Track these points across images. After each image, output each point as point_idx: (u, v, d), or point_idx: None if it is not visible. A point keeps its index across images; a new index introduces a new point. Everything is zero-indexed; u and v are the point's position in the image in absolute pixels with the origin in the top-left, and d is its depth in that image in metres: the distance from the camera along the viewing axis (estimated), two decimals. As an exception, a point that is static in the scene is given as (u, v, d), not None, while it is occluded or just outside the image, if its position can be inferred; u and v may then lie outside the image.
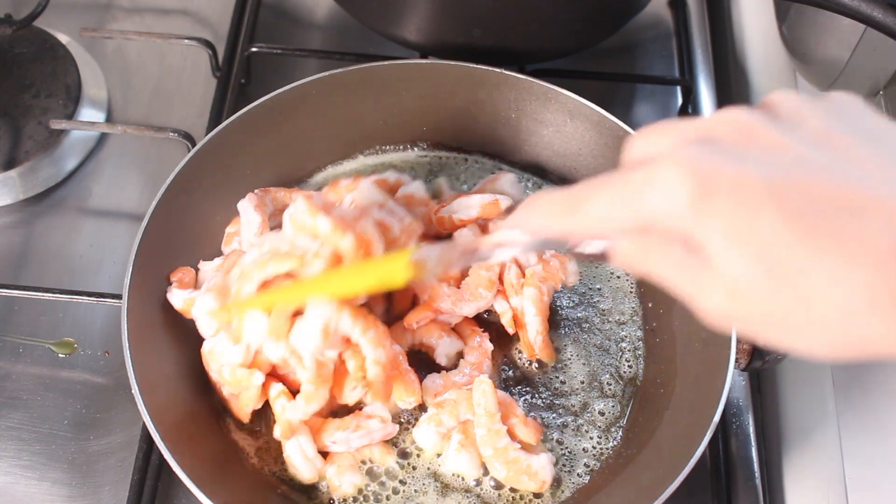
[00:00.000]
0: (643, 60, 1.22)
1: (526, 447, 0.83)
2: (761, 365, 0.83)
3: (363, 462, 0.84)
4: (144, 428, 0.88)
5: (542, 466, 0.82)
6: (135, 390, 0.78)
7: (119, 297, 0.86)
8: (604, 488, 0.83)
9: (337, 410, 0.86)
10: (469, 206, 0.91)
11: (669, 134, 0.49)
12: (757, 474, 0.91)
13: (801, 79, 1.16)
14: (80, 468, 0.89)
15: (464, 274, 0.91)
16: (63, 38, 1.15)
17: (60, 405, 0.92)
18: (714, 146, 0.46)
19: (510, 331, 0.90)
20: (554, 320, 0.93)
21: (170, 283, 0.89)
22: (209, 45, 1.13)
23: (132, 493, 0.85)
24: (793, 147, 0.46)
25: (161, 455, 0.86)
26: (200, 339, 0.86)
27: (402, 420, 0.87)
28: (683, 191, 0.45)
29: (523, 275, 0.91)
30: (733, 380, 0.94)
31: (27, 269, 1.00)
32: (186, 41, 1.13)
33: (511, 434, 0.83)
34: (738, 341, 0.81)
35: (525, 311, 0.89)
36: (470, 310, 0.88)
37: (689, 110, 1.14)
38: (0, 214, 1.04)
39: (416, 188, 0.94)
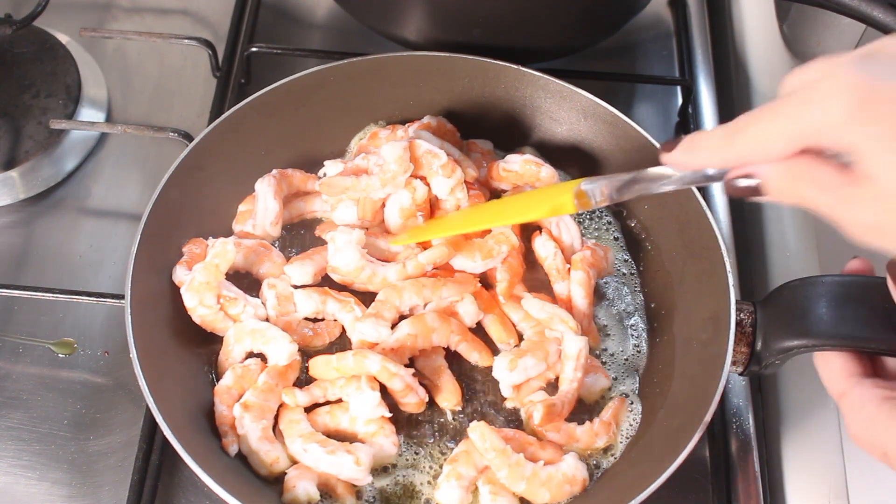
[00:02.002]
0: (643, 60, 1.22)
1: (550, 461, 0.82)
2: (759, 370, 0.82)
3: (324, 493, 0.81)
4: (144, 428, 0.88)
5: (574, 467, 0.81)
6: (142, 383, 0.78)
7: (119, 296, 0.86)
8: (594, 481, 0.83)
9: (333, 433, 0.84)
10: (514, 161, 0.98)
11: (827, 61, 0.51)
12: (757, 474, 0.90)
13: (802, 78, 1.16)
14: (80, 468, 0.89)
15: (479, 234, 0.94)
16: (63, 38, 1.15)
17: (60, 405, 0.92)
18: (873, 62, 0.50)
19: (503, 300, 0.92)
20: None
21: (182, 255, 0.90)
22: (209, 45, 1.13)
23: (132, 493, 0.85)
24: None
25: (161, 455, 0.87)
26: (204, 334, 0.87)
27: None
28: (843, 101, 0.48)
29: (568, 261, 0.92)
30: (734, 380, 0.95)
31: (27, 269, 1.00)
32: (186, 41, 1.13)
33: (533, 458, 0.81)
34: (736, 344, 0.81)
35: (573, 294, 0.91)
36: (479, 268, 0.93)
37: (690, 110, 1.14)
38: (0, 214, 1.04)
39: (482, 142, 1.04)
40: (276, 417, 0.85)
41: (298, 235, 0.98)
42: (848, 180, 0.50)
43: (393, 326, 0.87)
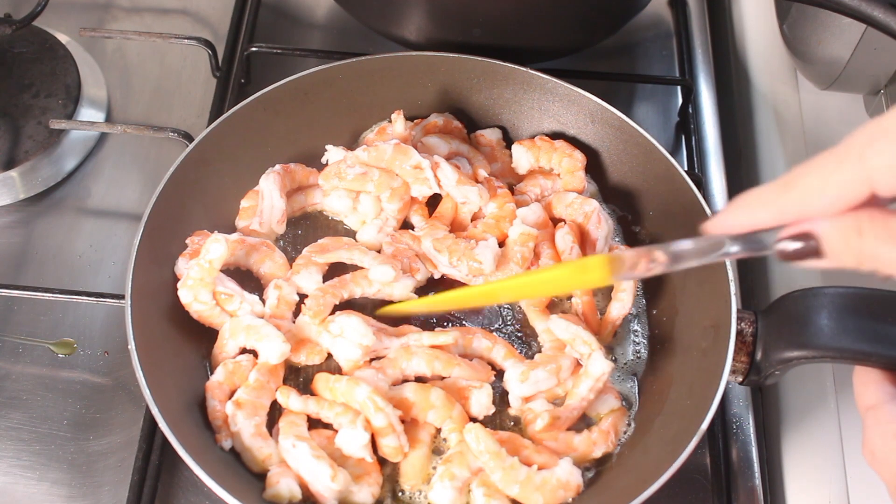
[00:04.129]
0: (643, 60, 1.22)
1: (544, 465, 0.82)
2: (758, 379, 0.82)
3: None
4: (144, 428, 0.88)
5: (568, 473, 0.81)
6: (141, 382, 0.78)
7: (119, 296, 0.86)
8: (588, 486, 0.83)
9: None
10: (521, 166, 1.00)
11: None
12: (757, 475, 0.90)
13: (802, 78, 1.16)
14: (79, 468, 0.89)
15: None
16: (63, 38, 1.15)
17: (60, 405, 0.92)
18: None
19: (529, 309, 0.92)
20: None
21: (185, 247, 0.90)
22: (209, 45, 1.13)
23: (132, 493, 0.85)
24: None
25: (161, 455, 0.86)
26: (204, 327, 0.88)
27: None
28: None
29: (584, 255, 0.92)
30: (735, 383, 0.94)
31: (27, 269, 1.00)
32: (186, 41, 1.13)
33: (527, 461, 0.81)
34: (736, 354, 0.81)
35: (622, 298, 0.91)
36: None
37: (690, 110, 1.14)
38: (0, 214, 1.04)
39: (490, 132, 1.03)
40: (271, 415, 0.84)
41: (299, 231, 0.98)
42: None
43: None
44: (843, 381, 0.94)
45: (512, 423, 0.87)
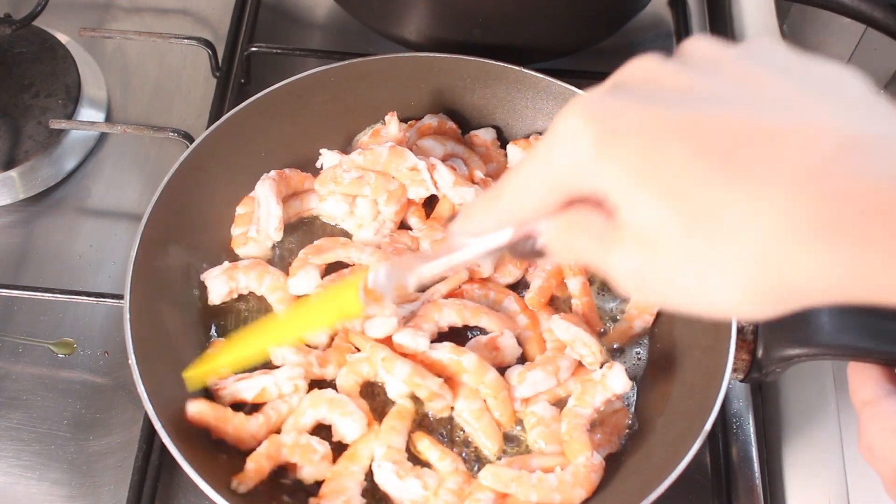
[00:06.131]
0: (643, 60, 1.22)
1: (550, 467, 0.82)
2: (759, 377, 0.82)
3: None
4: (144, 428, 0.88)
5: (589, 458, 0.82)
6: (139, 384, 0.78)
7: (119, 296, 0.86)
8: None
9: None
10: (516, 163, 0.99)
11: (577, 96, 0.46)
12: (757, 475, 0.90)
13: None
14: (79, 468, 0.88)
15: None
16: (63, 38, 1.15)
17: (60, 405, 0.92)
18: (619, 90, 0.45)
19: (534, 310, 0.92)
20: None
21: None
22: (209, 45, 1.13)
23: (132, 493, 0.85)
24: (703, 85, 0.44)
25: (161, 455, 0.86)
26: (203, 330, 0.88)
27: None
28: (585, 137, 0.42)
29: None
30: (735, 382, 0.94)
31: (27, 269, 1.00)
32: (186, 41, 1.13)
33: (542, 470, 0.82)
34: (737, 352, 0.81)
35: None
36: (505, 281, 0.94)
37: (690, 110, 1.14)
38: (0, 214, 1.04)
39: (484, 132, 1.03)
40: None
41: (294, 237, 0.98)
42: (611, 226, 0.44)
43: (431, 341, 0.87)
44: (843, 380, 0.93)
45: (516, 427, 0.87)
